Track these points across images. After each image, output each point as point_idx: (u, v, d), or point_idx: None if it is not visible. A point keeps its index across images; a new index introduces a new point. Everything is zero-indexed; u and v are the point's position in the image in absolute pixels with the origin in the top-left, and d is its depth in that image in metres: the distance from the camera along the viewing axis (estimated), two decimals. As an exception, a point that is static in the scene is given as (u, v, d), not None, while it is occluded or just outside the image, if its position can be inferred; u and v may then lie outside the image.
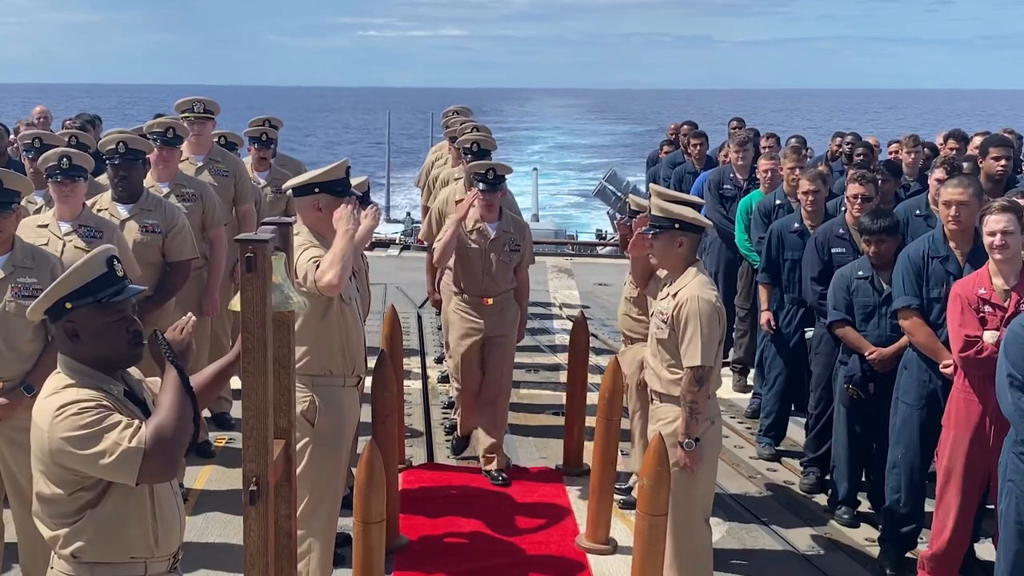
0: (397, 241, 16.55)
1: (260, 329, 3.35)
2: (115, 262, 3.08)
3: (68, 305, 3.01)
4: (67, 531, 3.02)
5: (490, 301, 6.89)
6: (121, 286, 3.07)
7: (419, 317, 10.98)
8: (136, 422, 2.95)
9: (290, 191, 5.14)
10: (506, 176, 6.91)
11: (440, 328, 8.52)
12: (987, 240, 5.18)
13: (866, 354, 6.11)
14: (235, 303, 3.44)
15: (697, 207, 5.33)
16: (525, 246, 7.07)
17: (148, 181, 6.63)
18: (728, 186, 9.34)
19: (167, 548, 3.18)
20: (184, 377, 3.03)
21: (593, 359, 7.66)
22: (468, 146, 7.60)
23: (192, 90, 8.37)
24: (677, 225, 4.99)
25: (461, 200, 7.39)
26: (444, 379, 8.69)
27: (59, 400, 2.95)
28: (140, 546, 3.10)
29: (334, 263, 4.55)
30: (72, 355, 3.05)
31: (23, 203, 5.08)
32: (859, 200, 6.65)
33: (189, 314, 3.28)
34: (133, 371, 3.25)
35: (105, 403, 2.97)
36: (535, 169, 25.11)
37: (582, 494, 6.50)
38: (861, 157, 9.50)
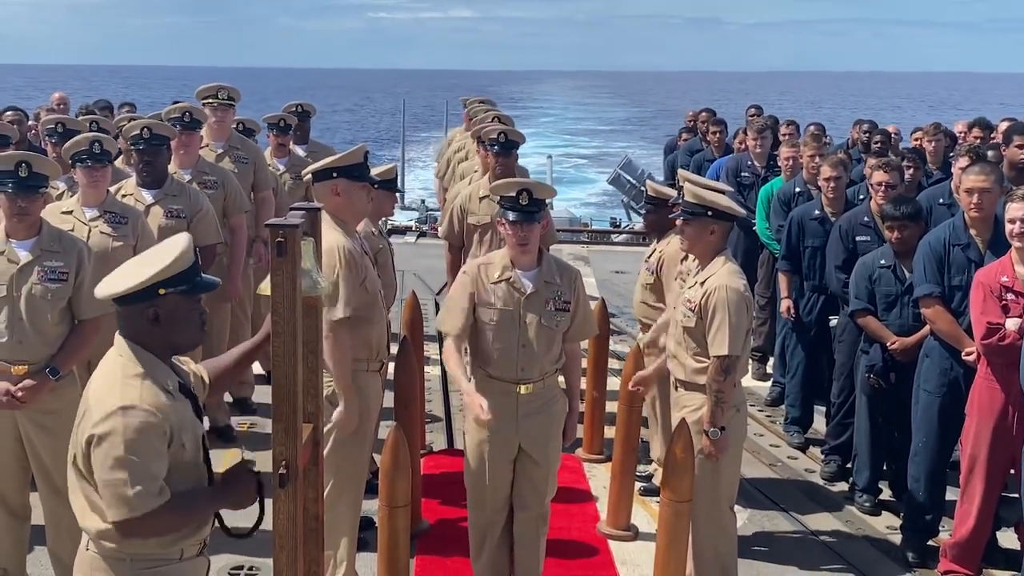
0: (413, 228, 16.60)
1: (290, 313, 3.35)
2: (197, 252, 3.17)
3: (162, 291, 3.03)
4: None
5: (527, 389, 4.80)
6: (205, 277, 3.17)
7: (436, 304, 11.00)
8: (165, 486, 2.98)
9: (309, 176, 5.14)
10: (547, 201, 4.99)
11: None
12: (1008, 228, 5.18)
13: (888, 344, 6.10)
14: (265, 287, 3.46)
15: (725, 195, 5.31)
16: (578, 303, 4.88)
17: (170, 168, 6.66)
18: (746, 173, 9.31)
19: (202, 533, 3.23)
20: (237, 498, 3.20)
21: (611, 346, 7.64)
22: (495, 136, 7.13)
23: (203, 71, 8.42)
24: (710, 212, 4.97)
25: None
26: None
27: (123, 397, 2.97)
28: (183, 533, 3.12)
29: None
30: (141, 338, 3.07)
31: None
32: (883, 188, 6.63)
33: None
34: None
35: (163, 427, 2.99)
36: (549, 156, 24.99)
37: (603, 481, 6.51)
38: (879, 145, 9.46)
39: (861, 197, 7.45)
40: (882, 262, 6.21)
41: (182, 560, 3.16)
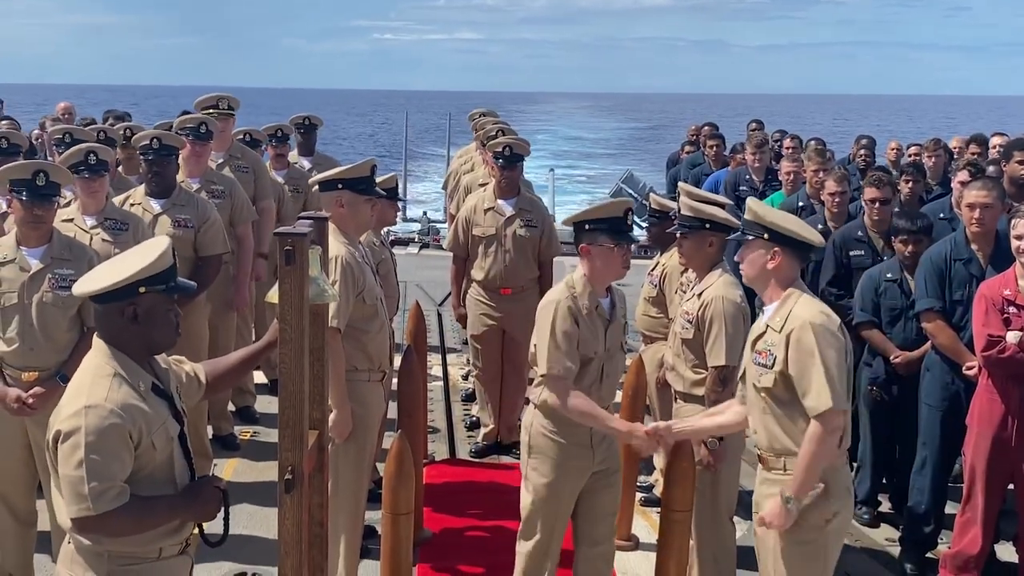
0: (416, 239, 16.64)
1: (297, 321, 3.38)
2: (175, 254, 3.22)
3: (142, 289, 3.09)
4: None
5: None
6: (181, 280, 3.23)
7: (439, 315, 11.04)
8: (125, 488, 3.02)
9: (311, 189, 5.21)
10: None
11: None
12: (1015, 244, 5.20)
13: (891, 358, 6.12)
14: (272, 295, 3.50)
15: (723, 208, 5.35)
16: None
17: (179, 177, 6.71)
18: (744, 187, 9.35)
19: (182, 533, 3.26)
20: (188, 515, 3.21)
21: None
22: (499, 150, 7.13)
23: (208, 91, 8.47)
24: (708, 225, 5.00)
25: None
26: (465, 376, 8.76)
27: (91, 396, 3.02)
28: (160, 533, 3.16)
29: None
30: (118, 339, 3.13)
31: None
32: (876, 204, 6.67)
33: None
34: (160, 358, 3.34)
35: (127, 428, 3.02)
36: (552, 170, 25.08)
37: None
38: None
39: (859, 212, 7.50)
40: (888, 275, 6.21)
41: (160, 559, 3.19)
